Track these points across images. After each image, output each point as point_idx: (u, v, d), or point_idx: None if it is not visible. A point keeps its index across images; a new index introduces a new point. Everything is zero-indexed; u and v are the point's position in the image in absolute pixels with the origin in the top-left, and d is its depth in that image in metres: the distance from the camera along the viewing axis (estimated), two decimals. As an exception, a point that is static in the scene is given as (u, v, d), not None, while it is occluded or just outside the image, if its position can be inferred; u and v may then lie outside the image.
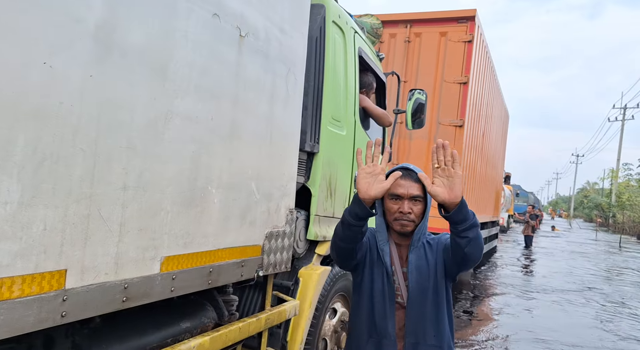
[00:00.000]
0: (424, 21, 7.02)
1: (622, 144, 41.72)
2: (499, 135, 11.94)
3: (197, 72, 1.66)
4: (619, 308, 7.99)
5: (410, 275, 1.71)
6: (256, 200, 2.05)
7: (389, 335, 1.70)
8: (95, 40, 1.29)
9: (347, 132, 3.21)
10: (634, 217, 35.95)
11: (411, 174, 1.70)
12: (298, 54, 2.33)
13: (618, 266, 14.36)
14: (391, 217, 1.70)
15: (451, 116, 6.84)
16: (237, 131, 1.91)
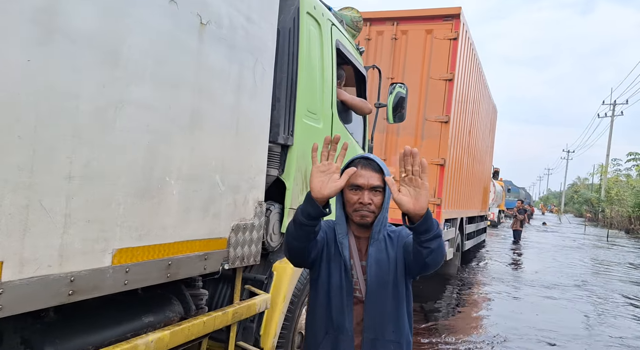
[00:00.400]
0: (410, 19, 7.07)
1: (611, 140, 41.97)
2: (487, 131, 12.03)
3: (152, 59, 1.60)
4: (604, 301, 8.02)
5: (369, 268, 1.65)
6: (221, 192, 2.00)
7: (345, 330, 1.64)
8: (35, 23, 1.23)
9: (324, 125, 3.16)
10: (622, 212, 36.21)
11: (371, 164, 1.64)
12: (267, 44, 2.27)
13: (607, 260, 14.45)
14: (351, 208, 1.64)
15: (437, 112, 6.90)
16: (199, 121, 1.85)
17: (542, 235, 23.42)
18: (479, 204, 12.04)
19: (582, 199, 52.28)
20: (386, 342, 1.63)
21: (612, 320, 6.76)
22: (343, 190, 1.64)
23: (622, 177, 39.95)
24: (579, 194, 57.35)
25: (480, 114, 10.30)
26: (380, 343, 1.63)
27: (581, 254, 15.66)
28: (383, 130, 7.12)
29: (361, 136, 4.10)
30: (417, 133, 7.01)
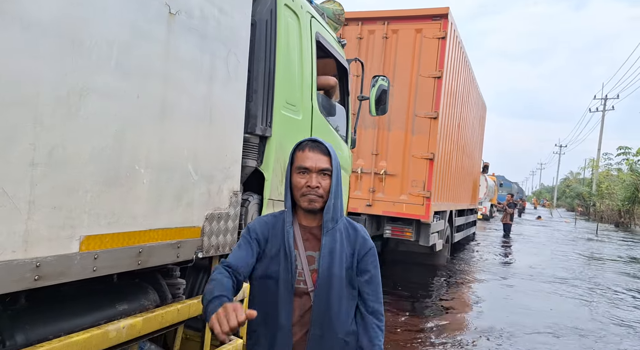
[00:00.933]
0: (400, 18, 7.26)
1: (602, 134, 42.25)
2: (476, 126, 12.25)
3: (118, 48, 1.61)
4: (586, 291, 8.12)
5: (322, 259, 1.53)
6: (194, 182, 2.02)
7: (281, 325, 1.51)
8: (-7, 10, 1.23)
9: (304, 116, 3.17)
10: (612, 206, 36.51)
11: (319, 146, 1.57)
12: (240, 35, 2.29)
13: (595, 253, 14.59)
14: (298, 193, 1.54)
15: (426, 108, 7.11)
16: (170, 110, 1.86)
17: (533, 229, 23.59)
18: (468, 197, 12.26)
19: (574, 193, 52.63)
20: (335, 339, 1.52)
21: (604, 309, 6.85)
22: (291, 174, 1.58)
23: (614, 171, 40.23)
24: (570, 189, 57.74)
25: (469, 110, 10.50)
26: (328, 340, 1.52)
27: (570, 247, 15.80)
28: (375, 126, 7.31)
29: (344, 129, 4.12)
30: (408, 128, 7.21)
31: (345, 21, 7.68)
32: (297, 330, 1.53)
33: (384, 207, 7.23)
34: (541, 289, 8.08)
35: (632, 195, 32.45)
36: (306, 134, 3.24)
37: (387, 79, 4.12)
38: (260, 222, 1.62)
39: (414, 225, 7.26)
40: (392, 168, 7.25)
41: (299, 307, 1.53)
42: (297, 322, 1.53)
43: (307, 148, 1.56)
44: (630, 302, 7.59)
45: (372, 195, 7.31)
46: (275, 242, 1.57)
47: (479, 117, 12.70)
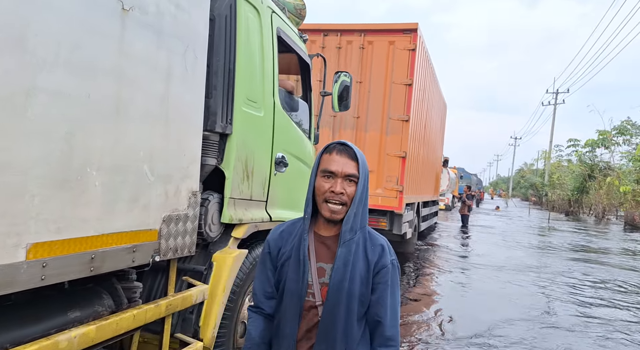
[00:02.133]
0: (375, 31, 8.04)
1: (554, 127, 44.11)
2: (438, 125, 13.22)
3: (67, 46, 1.52)
4: (542, 277, 8.50)
5: (335, 272, 1.46)
6: (150, 183, 1.95)
7: (287, 336, 1.48)
8: None
9: (265, 113, 3.13)
10: (562, 195, 38.25)
11: (348, 150, 1.49)
12: (198, 31, 2.22)
13: (544, 241, 15.28)
14: (321, 198, 1.48)
15: (399, 112, 7.91)
16: (124, 110, 1.78)
17: (489, 219, 24.43)
18: (431, 189, 13.08)
19: (528, 183, 54.80)
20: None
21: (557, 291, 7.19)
22: (315, 177, 1.51)
23: (564, 162, 42.09)
24: (525, 179, 60.09)
25: (433, 111, 11.40)
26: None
27: (520, 236, 16.48)
28: (354, 127, 8.12)
29: (307, 125, 4.10)
30: (383, 130, 7.99)
31: (325, 32, 8.14)
32: (303, 344, 1.49)
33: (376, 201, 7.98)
34: (493, 275, 8.43)
35: (581, 186, 34.13)
36: (268, 131, 3.20)
37: (350, 75, 4.12)
38: (275, 231, 1.61)
39: (388, 216, 8.01)
40: (369, 165, 7.35)
41: (306, 321, 1.49)
42: (303, 336, 1.49)
43: (335, 151, 1.49)
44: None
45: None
46: (287, 250, 1.53)
47: (441, 116, 13.66)
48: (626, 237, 19.29)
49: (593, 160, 33.01)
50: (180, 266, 2.68)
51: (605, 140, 32.11)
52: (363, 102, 8.06)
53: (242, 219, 2.93)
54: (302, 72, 4.02)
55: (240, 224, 2.94)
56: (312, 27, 7.93)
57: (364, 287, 1.48)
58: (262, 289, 1.58)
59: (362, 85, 7.99)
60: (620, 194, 28.72)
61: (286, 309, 1.50)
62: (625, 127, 31.54)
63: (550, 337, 5.20)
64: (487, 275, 8.64)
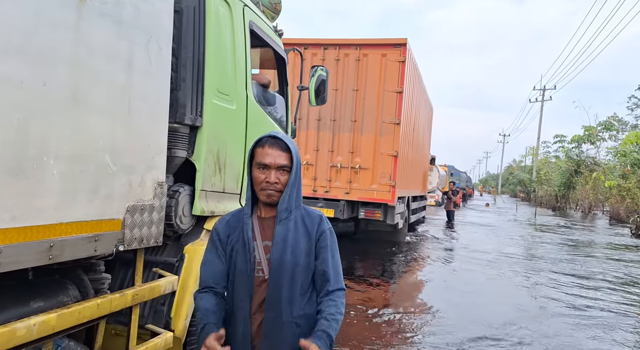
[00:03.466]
0: (369, 45, 9.07)
1: (542, 123, 44.44)
2: (425, 126, 14.31)
3: (19, 33, 1.52)
4: (525, 269, 8.61)
5: (274, 247, 1.63)
6: (112, 173, 1.95)
7: (244, 313, 1.63)
8: None
9: (238, 106, 3.14)
10: (550, 191, 38.60)
11: (279, 143, 1.64)
12: (162, 22, 2.22)
13: (530, 235, 15.45)
14: (258, 187, 1.65)
15: (391, 116, 8.95)
16: (82, 100, 1.78)
17: (476, 214, 24.62)
18: (420, 185, 14.03)
19: (516, 180, 55.23)
20: (286, 322, 1.61)
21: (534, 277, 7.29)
22: (251, 168, 1.66)
23: (552, 158, 42.46)
24: (513, 176, 60.54)
25: (421, 114, 12.53)
26: (279, 322, 1.61)
27: (503, 231, 16.66)
28: (351, 130, 9.10)
29: (285, 119, 4.10)
30: (377, 132, 9.01)
31: (325, 46, 9.04)
32: (258, 317, 1.63)
33: (359, 194, 9.06)
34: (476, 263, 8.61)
35: (567, 181, 34.44)
36: (241, 124, 3.21)
37: (326, 70, 4.14)
38: (222, 221, 1.74)
39: (382, 208, 9.07)
40: (365, 163, 9.03)
41: (258, 295, 1.63)
42: (257, 309, 1.63)
43: (267, 145, 1.62)
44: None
45: (349, 185, 9.10)
46: (235, 235, 1.68)
47: (428, 118, 14.72)
48: (609, 231, 19.56)
49: (579, 156, 33.29)
50: (151, 258, 2.69)
51: (591, 135, 32.39)
52: (359, 108, 9.07)
53: (214, 211, 2.93)
54: (278, 66, 4.03)
55: (212, 216, 2.95)
56: (313, 41, 9.19)
57: (308, 257, 1.66)
58: (212, 272, 1.70)
59: (358, 92, 9.05)
60: (606, 189, 28.99)
61: (238, 286, 1.64)
62: (610, 123, 31.84)
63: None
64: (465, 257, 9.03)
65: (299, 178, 1.68)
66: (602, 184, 29.04)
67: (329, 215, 8.82)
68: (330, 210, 8.88)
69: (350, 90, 9.04)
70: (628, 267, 9.81)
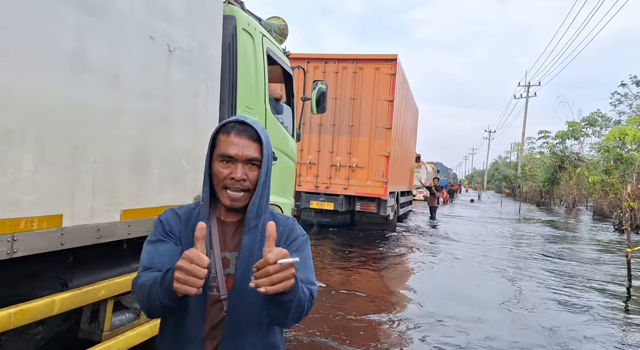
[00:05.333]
0: (365, 60, 10.83)
1: (526, 120, 45.96)
2: (412, 128, 16.18)
3: (134, 78, 2.38)
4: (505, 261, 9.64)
5: (240, 262, 1.31)
6: (186, 171, 2.82)
7: (192, 339, 1.30)
8: (71, 61, 1.98)
9: (259, 117, 4.01)
10: (534, 187, 39.94)
11: (248, 130, 1.31)
12: (214, 60, 3.08)
13: (513, 229, 16.57)
14: (219, 184, 1.31)
15: (384, 122, 10.78)
16: (169, 121, 2.64)
17: (459, 210, 25.80)
18: (407, 182, 15.67)
19: (501, 176, 56.86)
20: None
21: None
22: (211, 160, 1.34)
23: (537, 154, 43.80)
24: (499, 172, 62.26)
25: (409, 118, 14.44)
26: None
27: (487, 222, 17.77)
28: (349, 133, 10.89)
29: (291, 125, 4.99)
30: (371, 136, 10.79)
31: (326, 60, 10.76)
32: (207, 345, 1.32)
33: (355, 189, 10.81)
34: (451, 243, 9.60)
35: (552, 177, 35.72)
36: (261, 132, 4.08)
37: (326, 84, 5.02)
38: (173, 214, 1.39)
39: (376, 201, 10.82)
40: (361, 162, 10.79)
41: (211, 317, 1.32)
42: (207, 335, 1.32)
43: (234, 132, 1.31)
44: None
45: (347, 181, 10.87)
46: (188, 241, 1.33)
47: (414, 121, 16.66)
48: (591, 224, 20.79)
49: (564, 151, 34.30)
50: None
51: (575, 131, 33.46)
52: (356, 114, 10.79)
53: (243, 202, 3.82)
54: (286, 82, 4.91)
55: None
56: (315, 56, 11.03)
57: None
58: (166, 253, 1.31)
59: (355, 101, 10.80)
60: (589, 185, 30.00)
61: (188, 307, 1.30)
62: (594, 118, 32.80)
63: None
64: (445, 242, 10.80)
65: (269, 177, 1.37)
66: (585, 180, 30.22)
67: (329, 208, 10.68)
68: (330, 204, 10.70)
69: (348, 99, 10.82)
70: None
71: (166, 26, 2.55)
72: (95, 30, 2.07)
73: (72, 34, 1.95)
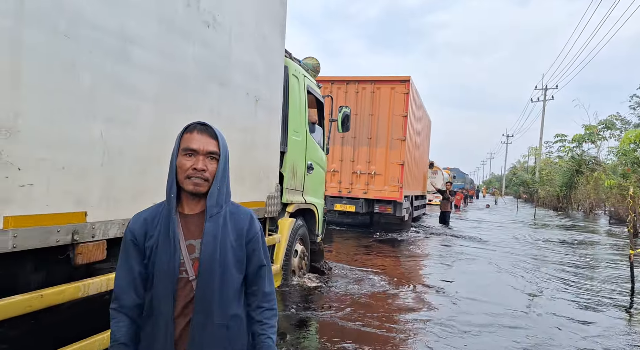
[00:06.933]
0: (381, 81, 13.09)
1: (544, 123, 46.97)
2: (425, 138, 18.37)
3: (239, 121, 3.97)
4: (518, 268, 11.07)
5: (205, 246, 1.59)
6: (261, 178, 4.41)
7: (165, 317, 1.58)
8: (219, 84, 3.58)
9: (302, 137, 5.62)
10: (552, 192, 40.70)
11: (208, 130, 1.62)
12: (279, 101, 4.69)
13: (521, 234, 17.90)
14: (183, 175, 1.58)
15: (399, 134, 12.99)
16: (254, 146, 4.24)
17: (476, 215, 27.10)
18: (420, 187, 17.76)
19: (519, 180, 57.76)
20: (216, 325, 1.60)
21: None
22: (177, 155, 1.60)
23: (555, 158, 44.44)
24: (517, 176, 63.16)
25: (421, 130, 16.70)
26: (210, 326, 1.60)
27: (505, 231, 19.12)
28: (367, 144, 13.13)
29: (322, 141, 6.60)
30: (388, 146, 12.97)
31: (347, 82, 13.23)
32: (181, 321, 1.59)
33: (374, 193, 12.98)
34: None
35: (569, 181, 36.30)
36: (303, 148, 5.68)
37: (349, 108, 6.63)
38: (137, 219, 1.66)
39: (392, 204, 12.96)
40: (379, 170, 12.99)
41: (182, 297, 1.59)
42: (180, 313, 1.59)
43: (196, 131, 1.60)
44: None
45: (366, 186, 13.07)
46: (154, 233, 1.61)
47: (426, 131, 18.83)
48: (606, 228, 21.93)
49: (581, 155, 33.87)
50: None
51: (592, 135, 33.91)
52: (374, 128, 12.98)
53: (291, 201, 5.42)
54: (318, 108, 6.53)
55: (290, 204, 5.43)
56: (339, 78, 13.24)
57: (239, 253, 1.65)
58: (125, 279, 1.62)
59: (373, 116, 13.01)
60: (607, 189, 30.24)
61: (159, 289, 1.58)
62: (612, 121, 33.12)
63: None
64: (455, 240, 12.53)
65: (227, 171, 1.66)
66: (603, 184, 30.59)
67: (351, 210, 12.79)
68: (352, 206, 12.83)
69: (367, 114, 13.05)
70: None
71: (255, 85, 4.15)
72: (224, 94, 3.66)
73: (215, 99, 3.54)
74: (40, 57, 2.10)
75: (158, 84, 2.85)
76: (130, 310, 1.62)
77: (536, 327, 5.25)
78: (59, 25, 2.17)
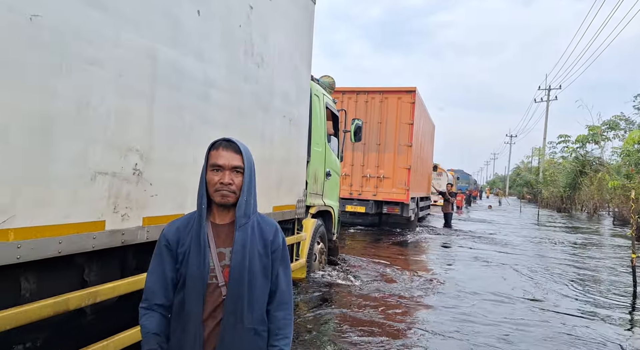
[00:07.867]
0: (389, 91, 14.46)
1: (547, 123, 47.73)
2: (429, 142, 19.95)
3: (277, 139, 4.95)
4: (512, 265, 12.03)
5: (235, 254, 1.75)
6: (293, 185, 5.40)
7: (195, 320, 1.72)
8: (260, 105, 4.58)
9: (322, 148, 6.63)
10: (555, 192, 41.25)
11: (232, 145, 1.78)
12: (306, 119, 5.68)
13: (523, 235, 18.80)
14: (212, 189, 1.75)
15: (406, 141, 14.36)
16: (289, 159, 5.23)
17: (478, 215, 27.96)
18: (425, 188, 19.18)
19: (523, 181, 58.50)
20: (246, 328, 1.74)
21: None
22: (205, 171, 1.77)
23: (559, 159, 44.86)
24: (520, 177, 63.94)
25: (425, 136, 18.05)
26: (240, 329, 1.73)
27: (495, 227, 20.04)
28: (376, 150, 14.49)
29: (337, 150, 7.61)
30: (395, 152, 14.34)
31: (358, 92, 14.80)
32: (209, 323, 1.74)
33: (383, 195, 14.39)
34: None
35: (573, 182, 36.59)
36: (322, 157, 6.68)
37: (361, 120, 7.64)
38: (171, 226, 1.83)
39: (400, 205, 14.31)
40: (387, 173, 14.33)
41: (211, 301, 1.75)
42: (209, 316, 1.74)
43: (221, 147, 1.77)
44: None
45: (376, 189, 14.45)
46: (186, 241, 1.78)
47: (430, 137, 20.34)
48: (610, 230, 22.73)
49: (584, 156, 34.09)
50: (288, 226, 6.15)
51: (595, 135, 34.10)
52: (383, 135, 14.32)
53: (313, 204, 6.43)
54: (334, 121, 7.53)
55: (312, 206, 6.44)
56: (349, 89, 14.59)
57: (265, 260, 1.82)
58: (157, 282, 1.79)
59: (381, 124, 14.37)
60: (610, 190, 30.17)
61: (190, 291, 1.74)
62: (615, 122, 33.37)
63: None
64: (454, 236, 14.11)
65: (253, 182, 1.81)
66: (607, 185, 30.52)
67: (361, 211, 14.05)
68: (362, 207, 14.15)
69: (376, 122, 14.42)
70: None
71: (289, 108, 5.14)
72: (267, 118, 4.65)
73: (261, 123, 4.53)
74: (162, 105, 3.08)
75: (226, 116, 3.84)
76: (159, 308, 1.78)
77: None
78: (172, 79, 3.16)
